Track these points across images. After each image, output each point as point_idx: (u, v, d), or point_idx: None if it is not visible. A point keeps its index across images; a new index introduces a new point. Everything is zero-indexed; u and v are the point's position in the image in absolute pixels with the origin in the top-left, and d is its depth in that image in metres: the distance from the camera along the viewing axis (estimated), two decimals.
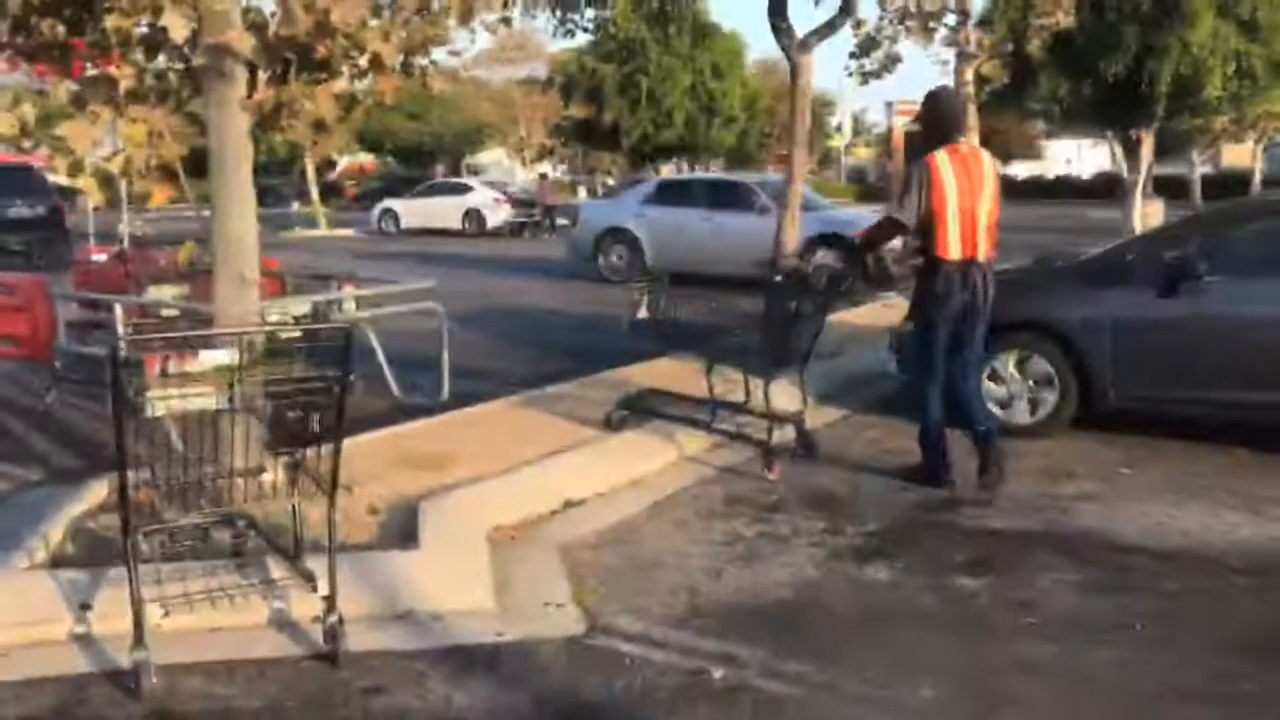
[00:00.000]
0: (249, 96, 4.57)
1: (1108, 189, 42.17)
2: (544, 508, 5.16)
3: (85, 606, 3.81)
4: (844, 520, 5.02)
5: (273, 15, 4.49)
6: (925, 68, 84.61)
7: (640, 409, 6.49)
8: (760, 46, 71.70)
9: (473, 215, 29.50)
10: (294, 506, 3.80)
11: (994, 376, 6.53)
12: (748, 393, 6.32)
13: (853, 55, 12.37)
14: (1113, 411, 6.30)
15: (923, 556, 4.56)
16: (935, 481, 5.48)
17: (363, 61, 4.54)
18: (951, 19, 12.52)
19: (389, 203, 31.60)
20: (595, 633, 3.83)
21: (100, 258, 9.04)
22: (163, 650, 3.44)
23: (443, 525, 4.62)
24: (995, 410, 6.32)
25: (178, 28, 4.12)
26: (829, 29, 8.70)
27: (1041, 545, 4.71)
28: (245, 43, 4.16)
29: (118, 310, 6.39)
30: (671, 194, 16.15)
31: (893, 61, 12.41)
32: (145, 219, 10.98)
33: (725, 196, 15.54)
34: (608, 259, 16.02)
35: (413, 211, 30.47)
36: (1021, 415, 6.51)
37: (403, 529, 4.63)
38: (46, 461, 6.11)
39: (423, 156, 54.28)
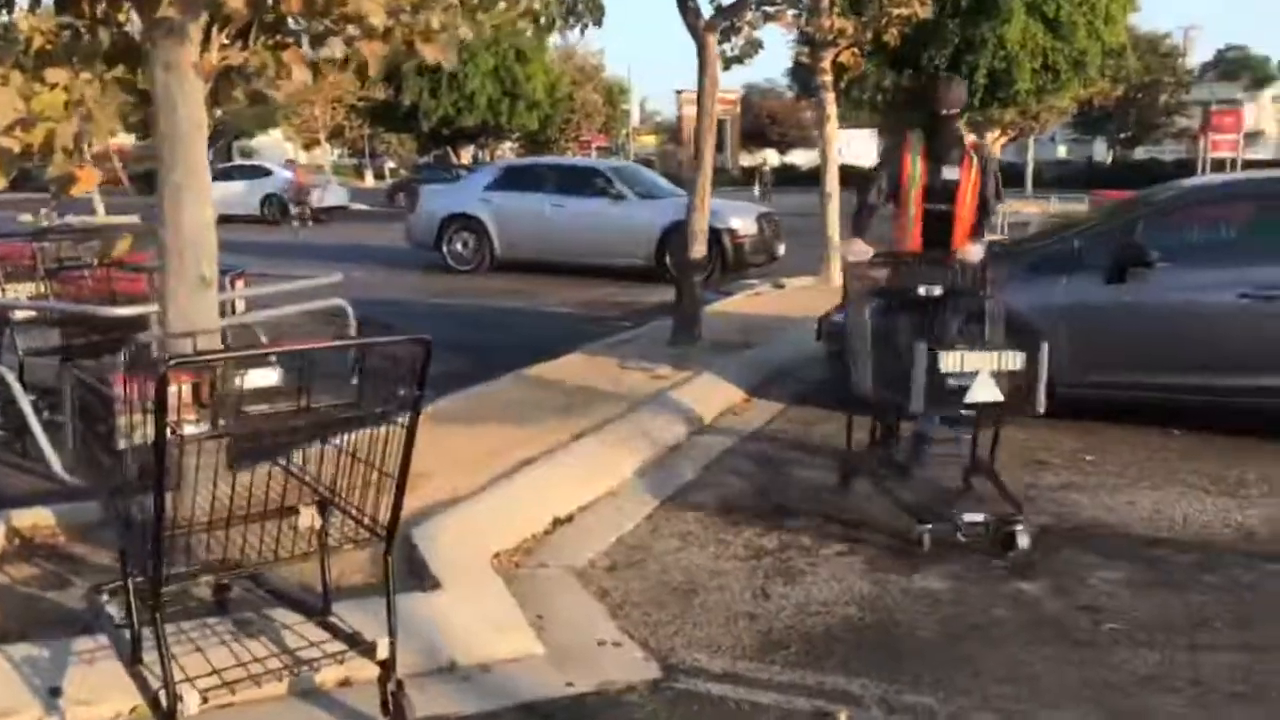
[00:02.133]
0: (202, 59, 3.83)
1: None
2: (536, 528, 4.65)
3: (55, 692, 3.06)
4: (856, 523, 4.76)
5: None
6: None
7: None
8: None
9: (273, 201, 27.73)
10: (323, 555, 3.16)
11: None
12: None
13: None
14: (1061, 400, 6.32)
15: (961, 560, 4.34)
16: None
17: (352, 28, 3.88)
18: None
19: None
20: (677, 675, 3.40)
21: None
22: None
23: (448, 558, 4.06)
24: None
25: None
26: (736, 8, 8.43)
27: (1063, 540, 4.59)
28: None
29: None
30: (519, 179, 15.55)
31: (754, 47, 12.32)
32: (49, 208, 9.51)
33: (577, 182, 15.07)
34: (452, 247, 15.27)
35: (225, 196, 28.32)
36: None
37: (399, 564, 4.02)
38: None
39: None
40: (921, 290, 4.95)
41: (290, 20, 4.07)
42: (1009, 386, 4.26)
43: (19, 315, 5.84)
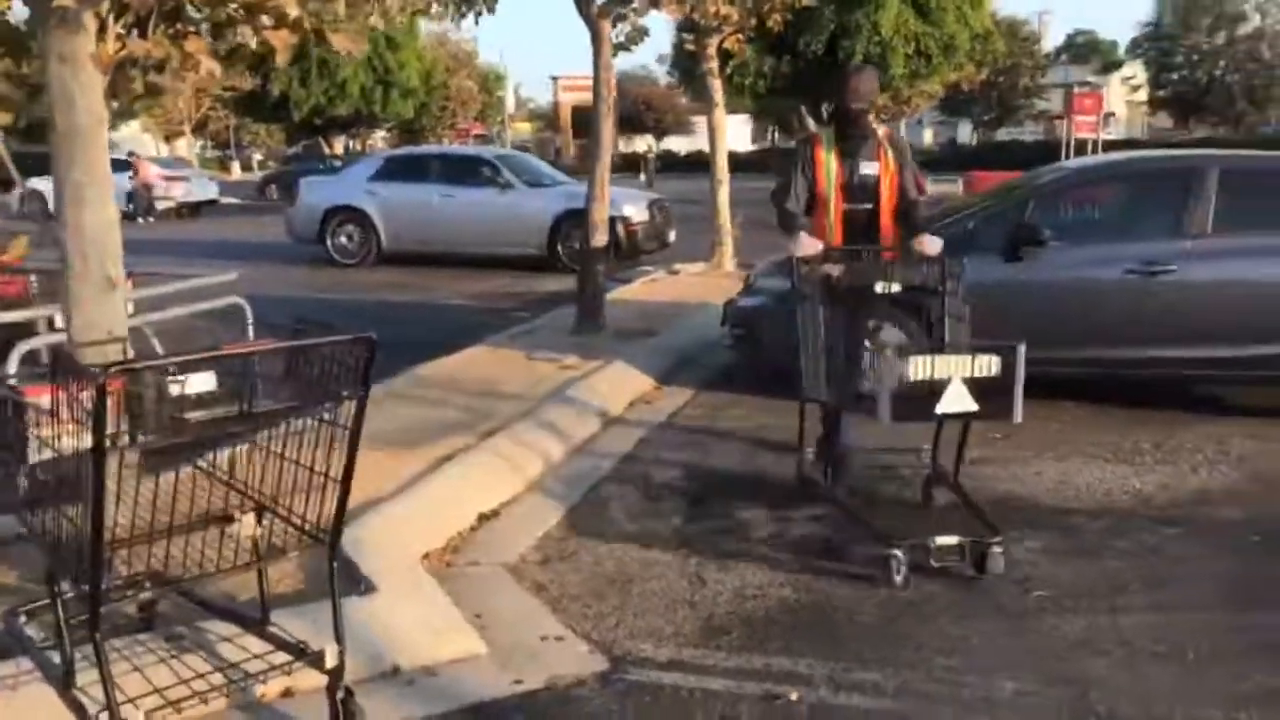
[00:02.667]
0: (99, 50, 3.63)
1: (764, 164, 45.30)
2: (461, 525, 4.58)
3: None
4: (780, 506, 4.82)
5: None
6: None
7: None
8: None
9: (139, 196, 26.57)
10: (261, 564, 3.05)
11: None
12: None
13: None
14: None
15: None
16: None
17: (265, 18, 3.73)
18: None
19: (34, 182, 27.67)
20: (625, 666, 3.39)
21: None
22: None
23: (378, 560, 3.96)
24: None
25: None
26: None
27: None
28: None
29: None
30: (404, 169, 15.21)
31: (641, 34, 12.31)
32: None
33: (464, 172, 14.84)
34: (336, 240, 14.89)
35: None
36: None
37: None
38: None
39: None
40: (879, 287, 4.66)
41: (191, 8, 3.90)
42: (977, 392, 3.94)
43: None
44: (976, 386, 3.94)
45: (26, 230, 6.44)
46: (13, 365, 4.80)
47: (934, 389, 3.91)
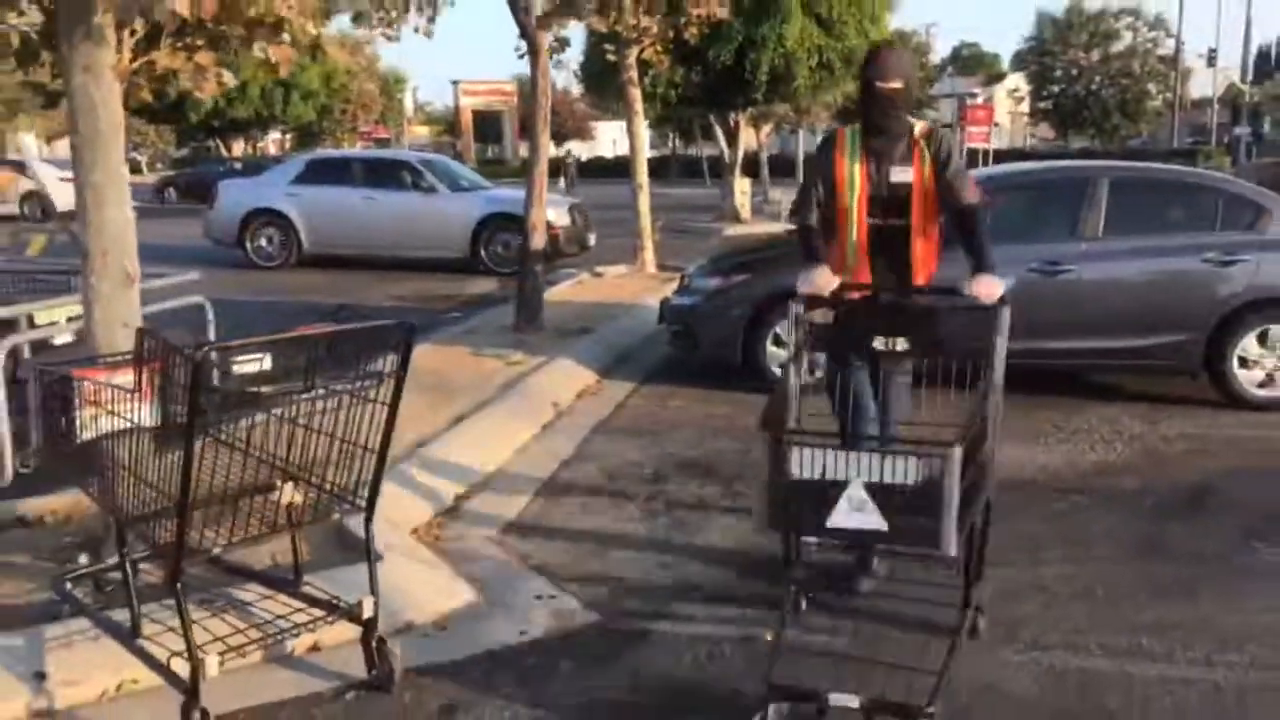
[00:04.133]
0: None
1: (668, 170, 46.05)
2: (442, 504, 4.95)
3: (40, 676, 3.16)
4: (732, 481, 5.29)
5: None
6: (491, 49, 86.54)
7: None
8: (337, 21, 68.88)
9: (35, 198, 25.90)
10: (295, 529, 3.37)
11: None
12: None
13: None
14: None
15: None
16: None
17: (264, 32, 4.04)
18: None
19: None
20: (615, 619, 3.81)
21: None
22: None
23: (377, 532, 4.29)
24: None
25: None
26: (571, 8, 8.82)
27: None
28: (186, 7, 3.54)
29: None
30: (325, 172, 15.33)
31: (563, 44, 12.70)
32: None
33: (386, 175, 15.04)
34: (255, 242, 14.93)
35: None
36: None
37: (331, 543, 4.23)
38: None
39: None
40: (879, 343, 3.58)
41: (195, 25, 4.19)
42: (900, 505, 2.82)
43: None
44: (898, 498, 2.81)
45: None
46: None
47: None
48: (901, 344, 3.56)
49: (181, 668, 2.87)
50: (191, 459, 2.70)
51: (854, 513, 2.83)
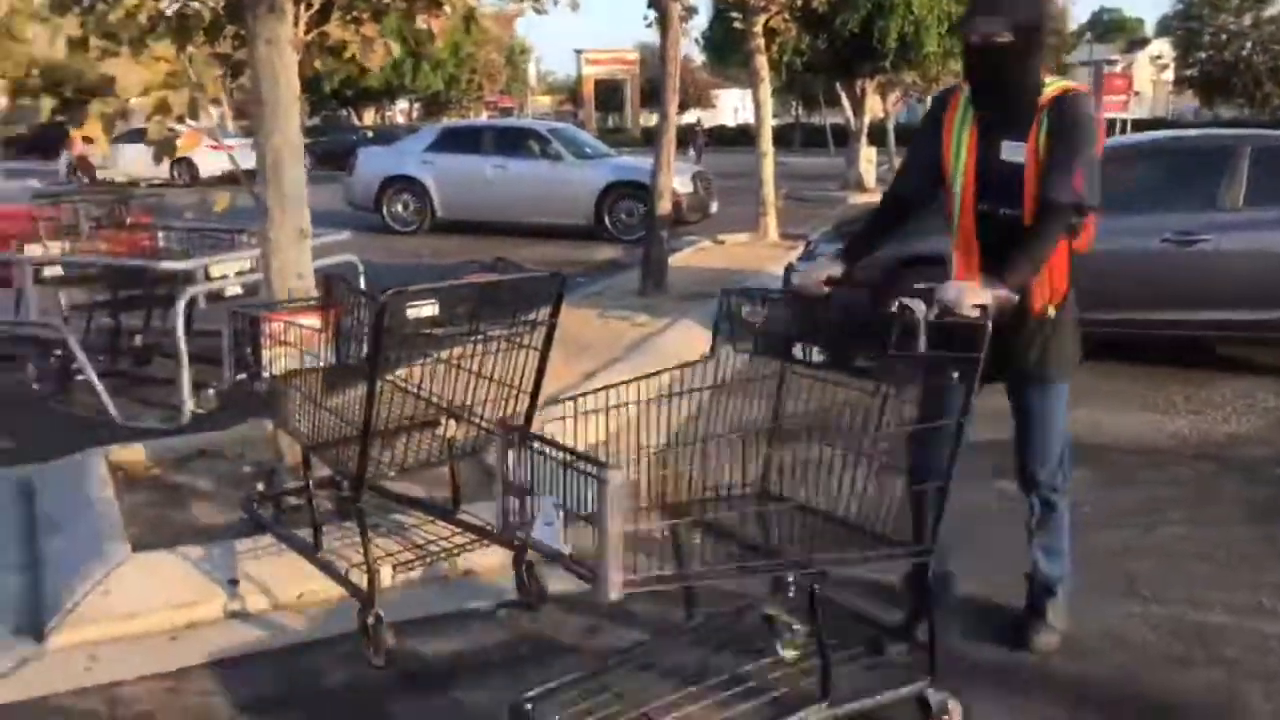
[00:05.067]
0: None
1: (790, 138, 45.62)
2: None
3: (233, 583, 3.56)
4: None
5: None
6: (611, 17, 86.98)
7: None
8: None
9: (183, 162, 27.26)
10: (453, 460, 3.69)
11: None
12: None
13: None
14: None
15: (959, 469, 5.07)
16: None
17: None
18: None
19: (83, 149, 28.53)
20: None
21: None
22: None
23: None
24: None
25: None
26: None
27: None
28: None
29: (27, 272, 5.71)
30: (457, 141, 15.88)
31: (690, 13, 12.86)
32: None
33: (515, 144, 15.48)
34: (391, 208, 15.55)
35: (111, 159, 27.69)
36: None
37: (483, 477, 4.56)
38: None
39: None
40: (797, 349, 2.95)
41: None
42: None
43: (49, 273, 6.14)
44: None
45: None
46: (180, 307, 5.50)
47: None
48: (817, 355, 2.91)
49: (359, 578, 3.22)
50: (374, 393, 3.02)
51: (545, 527, 2.47)
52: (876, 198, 21.01)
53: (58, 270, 6.19)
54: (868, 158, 23.45)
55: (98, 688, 3.12)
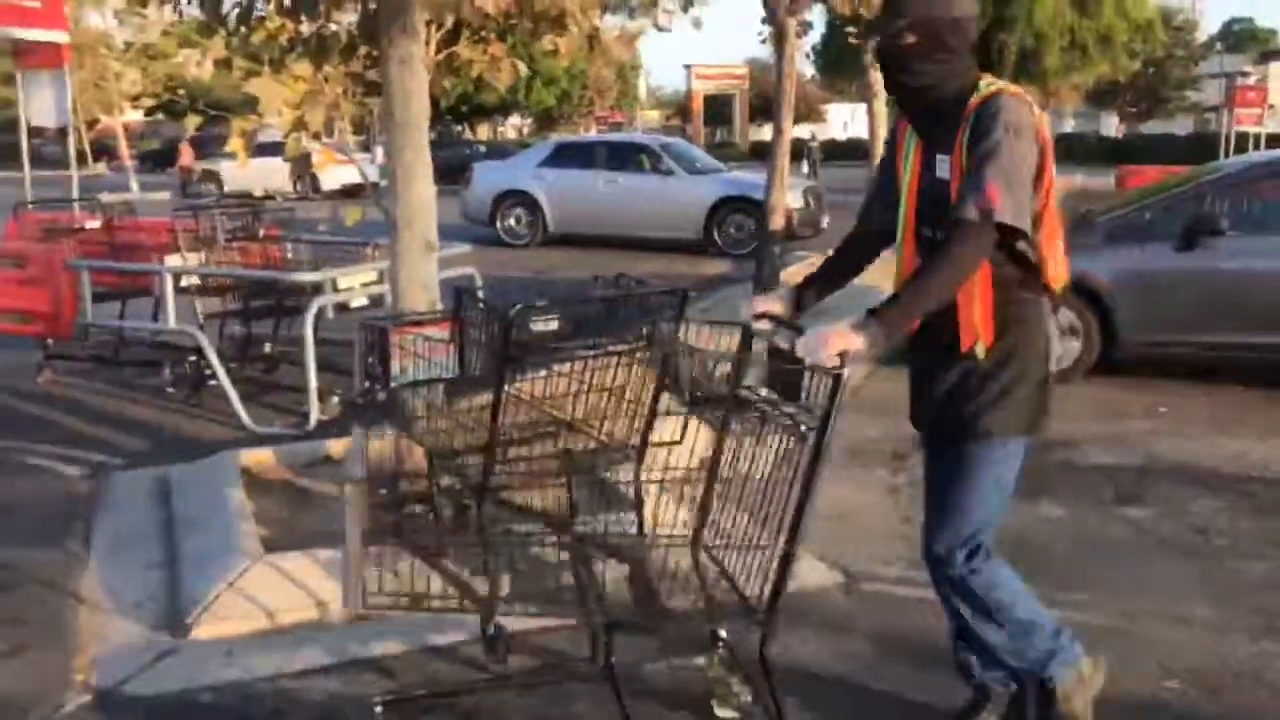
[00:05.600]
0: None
1: None
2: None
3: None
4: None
5: None
6: (719, 31, 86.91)
7: None
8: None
9: (306, 176, 28.23)
10: (569, 471, 3.74)
11: None
12: None
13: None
14: (1132, 357, 6.94)
15: (1072, 493, 4.94)
16: None
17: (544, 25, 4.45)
18: None
19: (210, 163, 29.87)
20: (859, 579, 4.02)
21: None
22: None
23: None
24: None
25: None
26: None
27: (1159, 477, 5.19)
28: (492, 4, 3.98)
29: (168, 281, 5.98)
30: (570, 155, 16.10)
31: (805, 27, 12.77)
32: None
33: (627, 158, 15.63)
34: (505, 222, 15.83)
35: (237, 173, 28.84)
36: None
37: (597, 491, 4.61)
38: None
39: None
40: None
41: (492, 19, 4.64)
42: None
43: (187, 282, 6.43)
44: None
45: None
46: (309, 317, 5.69)
47: None
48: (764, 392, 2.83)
49: (480, 585, 3.28)
50: (500, 403, 3.09)
51: None
52: None
53: (195, 280, 6.50)
54: None
55: (231, 684, 3.25)
